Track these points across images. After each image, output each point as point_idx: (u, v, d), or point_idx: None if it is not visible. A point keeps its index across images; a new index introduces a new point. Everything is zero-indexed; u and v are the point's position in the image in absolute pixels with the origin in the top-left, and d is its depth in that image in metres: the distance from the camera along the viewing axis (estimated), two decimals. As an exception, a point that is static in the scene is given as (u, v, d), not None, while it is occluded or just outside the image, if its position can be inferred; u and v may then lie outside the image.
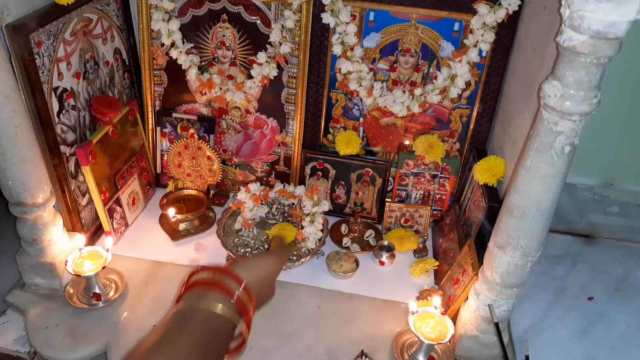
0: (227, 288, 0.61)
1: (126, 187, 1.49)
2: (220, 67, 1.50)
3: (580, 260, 1.53)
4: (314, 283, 1.38)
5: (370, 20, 1.38)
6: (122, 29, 1.49)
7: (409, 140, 1.53)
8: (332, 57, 1.44)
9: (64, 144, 1.28)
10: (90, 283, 1.28)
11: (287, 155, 1.59)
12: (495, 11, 1.28)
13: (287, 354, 1.20)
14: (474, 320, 1.13)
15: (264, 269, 0.70)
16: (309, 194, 1.48)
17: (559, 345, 1.27)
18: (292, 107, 1.51)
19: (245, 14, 1.41)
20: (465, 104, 1.45)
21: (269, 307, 1.33)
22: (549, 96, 0.81)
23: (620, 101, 1.39)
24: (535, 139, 0.87)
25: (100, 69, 1.41)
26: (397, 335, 1.24)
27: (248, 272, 0.65)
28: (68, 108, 1.28)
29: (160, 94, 1.57)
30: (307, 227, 1.43)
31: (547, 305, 1.37)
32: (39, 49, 1.14)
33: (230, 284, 0.62)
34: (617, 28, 0.71)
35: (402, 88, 1.44)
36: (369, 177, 1.54)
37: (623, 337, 1.30)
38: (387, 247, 1.46)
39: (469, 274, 1.19)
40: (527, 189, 0.91)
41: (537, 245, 0.98)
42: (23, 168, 1.13)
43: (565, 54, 0.78)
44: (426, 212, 1.53)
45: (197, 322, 0.57)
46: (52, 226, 1.24)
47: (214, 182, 1.61)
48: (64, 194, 1.30)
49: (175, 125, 1.58)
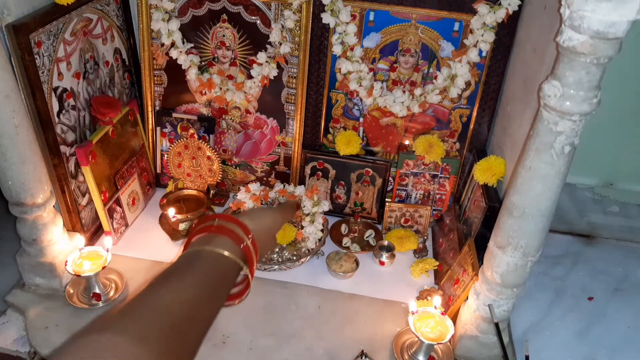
0: (235, 234, 0.63)
1: (126, 187, 1.49)
2: (220, 67, 1.50)
3: (580, 260, 1.53)
4: (314, 283, 1.38)
5: (370, 20, 1.38)
6: (122, 29, 1.49)
7: (409, 140, 1.53)
8: (332, 57, 1.44)
9: (64, 144, 1.28)
10: (90, 283, 1.28)
11: (287, 155, 1.59)
12: (495, 11, 1.28)
13: (287, 354, 1.20)
14: (474, 320, 1.13)
15: (268, 221, 0.72)
16: (309, 194, 1.48)
17: (559, 345, 1.27)
18: (292, 107, 1.52)
19: (245, 14, 1.41)
20: (465, 104, 1.45)
21: (269, 307, 1.33)
22: (549, 96, 0.81)
23: (620, 101, 1.39)
24: (535, 139, 0.87)
25: (100, 69, 1.41)
26: (397, 335, 1.24)
27: (253, 222, 0.67)
28: (68, 108, 1.28)
29: (160, 94, 1.57)
30: (307, 227, 1.43)
31: (547, 305, 1.37)
32: (39, 49, 1.14)
33: (237, 231, 0.63)
34: (617, 28, 0.71)
35: (402, 88, 1.44)
36: (369, 177, 1.54)
37: (623, 337, 1.30)
38: (387, 247, 1.46)
39: (469, 274, 1.19)
40: (527, 189, 0.91)
41: (537, 245, 0.98)
42: (23, 168, 1.13)
43: (565, 54, 0.78)
44: (426, 212, 1.53)
45: (203, 261, 0.58)
46: (52, 226, 1.24)
47: (214, 182, 1.61)
48: (64, 194, 1.30)
49: (175, 125, 1.58)
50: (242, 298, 0.65)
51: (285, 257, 1.41)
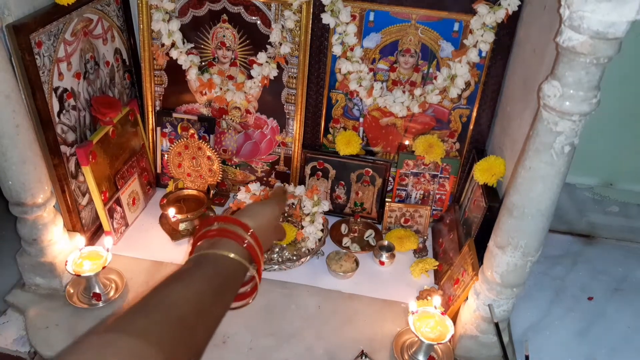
0: (237, 235, 0.64)
1: (126, 187, 1.50)
2: (221, 67, 1.50)
3: (580, 260, 1.53)
4: (314, 283, 1.38)
5: (370, 20, 1.38)
6: (122, 29, 1.49)
7: (408, 140, 1.53)
8: (332, 57, 1.44)
9: (64, 144, 1.28)
10: (90, 283, 1.28)
11: (287, 155, 1.59)
12: (495, 11, 1.28)
13: (287, 354, 1.20)
14: (474, 320, 1.13)
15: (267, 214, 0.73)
16: (309, 194, 1.49)
17: (559, 345, 1.27)
18: (292, 107, 1.52)
19: (246, 14, 1.41)
20: (465, 104, 1.45)
21: (269, 307, 1.33)
22: (549, 96, 0.81)
23: (620, 101, 1.39)
24: (535, 139, 0.87)
25: (101, 69, 1.41)
26: (397, 335, 1.24)
27: (252, 220, 0.68)
28: (68, 108, 1.28)
29: (161, 94, 1.57)
30: (307, 227, 1.43)
31: (547, 305, 1.37)
32: (39, 49, 1.14)
33: (239, 231, 0.65)
34: (617, 28, 0.71)
35: (402, 88, 1.44)
36: (369, 177, 1.54)
37: (623, 337, 1.30)
38: (387, 247, 1.46)
39: (469, 274, 1.19)
40: (527, 189, 0.91)
41: (537, 245, 0.98)
42: (23, 168, 1.13)
43: (564, 54, 0.78)
44: (426, 212, 1.54)
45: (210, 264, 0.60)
46: (52, 226, 1.24)
47: (214, 182, 1.61)
48: (64, 194, 1.30)
49: (176, 125, 1.58)
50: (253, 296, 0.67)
51: (285, 257, 1.41)
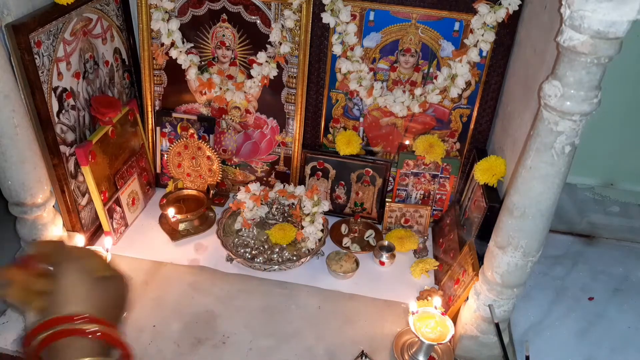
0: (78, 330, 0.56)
1: (126, 187, 1.49)
2: (220, 67, 1.50)
3: (581, 260, 1.53)
4: (314, 283, 1.38)
5: (370, 20, 1.38)
6: (121, 28, 1.49)
7: (409, 140, 1.53)
8: (332, 57, 1.44)
9: (63, 144, 1.28)
10: (90, 283, 1.28)
11: (287, 155, 1.59)
12: (496, 11, 1.28)
13: (287, 354, 1.20)
14: (474, 320, 1.13)
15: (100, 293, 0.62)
16: (309, 194, 1.48)
17: (559, 346, 1.27)
18: (292, 107, 1.51)
19: (245, 13, 1.41)
20: (466, 103, 1.45)
21: (269, 308, 1.33)
22: (550, 96, 0.81)
23: (620, 101, 1.39)
24: (536, 138, 0.87)
25: (100, 68, 1.41)
26: (397, 336, 1.24)
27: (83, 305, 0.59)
28: (68, 108, 1.28)
29: (160, 93, 1.57)
30: (307, 227, 1.43)
31: (548, 306, 1.37)
32: (38, 49, 1.14)
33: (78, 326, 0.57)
34: (617, 28, 0.71)
35: (402, 88, 1.44)
36: (369, 177, 1.54)
37: (623, 337, 1.30)
38: (387, 247, 1.46)
39: (469, 274, 1.19)
40: (528, 189, 0.91)
41: (537, 246, 0.98)
42: (23, 168, 1.13)
43: (565, 54, 0.78)
44: (426, 212, 1.53)
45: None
46: (52, 226, 1.24)
47: (214, 182, 1.61)
48: (64, 194, 1.29)
49: (175, 125, 1.58)
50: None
51: (285, 257, 1.41)
